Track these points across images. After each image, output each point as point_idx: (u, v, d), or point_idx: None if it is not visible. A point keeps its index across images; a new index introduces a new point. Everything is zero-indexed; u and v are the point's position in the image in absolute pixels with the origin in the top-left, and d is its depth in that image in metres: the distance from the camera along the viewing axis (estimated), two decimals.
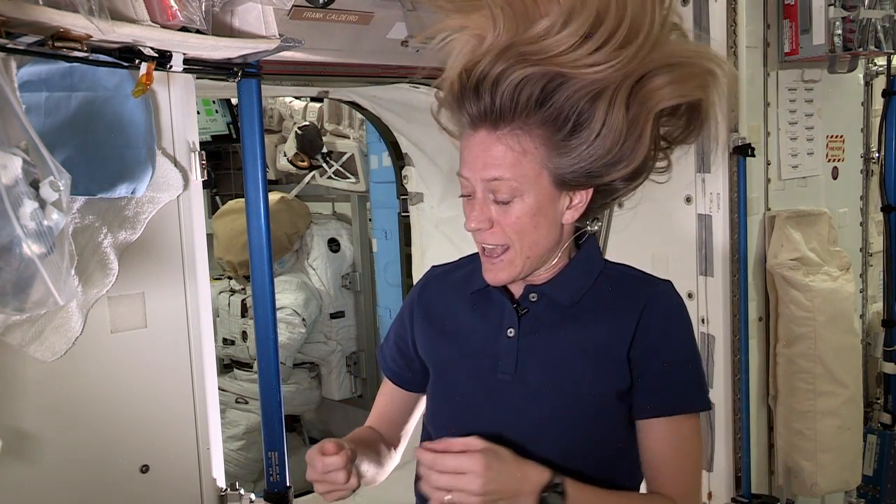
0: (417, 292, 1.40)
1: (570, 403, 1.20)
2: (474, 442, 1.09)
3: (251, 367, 4.08)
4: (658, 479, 1.23)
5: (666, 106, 1.15)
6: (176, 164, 1.82)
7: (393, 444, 1.43)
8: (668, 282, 1.26)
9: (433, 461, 1.09)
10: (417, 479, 1.34)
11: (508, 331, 1.24)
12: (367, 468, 1.31)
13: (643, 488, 1.29)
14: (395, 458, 1.43)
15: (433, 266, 1.44)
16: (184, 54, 1.66)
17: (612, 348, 1.20)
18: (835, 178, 2.76)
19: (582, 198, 1.19)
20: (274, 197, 4.09)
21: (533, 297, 1.25)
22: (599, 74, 1.09)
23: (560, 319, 1.23)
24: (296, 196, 4.37)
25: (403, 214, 3.70)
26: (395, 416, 1.44)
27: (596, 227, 1.27)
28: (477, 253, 1.32)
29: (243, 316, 4.13)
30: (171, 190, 1.81)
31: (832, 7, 2.34)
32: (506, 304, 1.25)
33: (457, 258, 1.46)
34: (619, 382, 1.20)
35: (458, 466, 1.07)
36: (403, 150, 3.51)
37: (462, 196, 1.20)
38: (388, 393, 1.45)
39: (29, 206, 1.31)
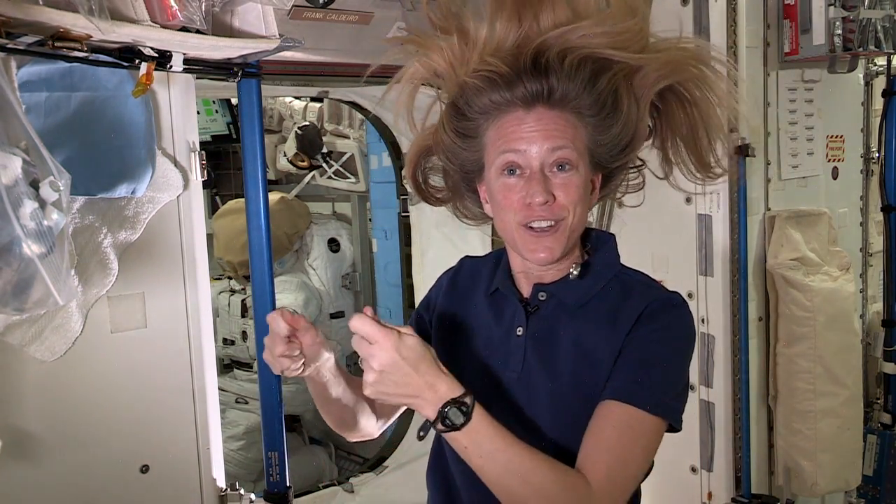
0: (451, 276, 1.43)
1: (567, 402, 1.21)
2: (405, 336, 1.05)
3: (251, 367, 4.08)
4: (586, 457, 1.14)
5: (656, 89, 1.22)
6: (176, 164, 1.82)
7: (380, 414, 1.41)
8: (677, 294, 1.26)
9: (359, 322, 1.05)
10: (429, 468, 1.34)
11: (517, 329, 1.26)
12: (341, 391, 1.31)
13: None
14: (371, 420, 1.40)
15: (466, 255, 1.47)
16: (184, 54, 1.67)
17: (609, 353, 1.20)
18: (835, 178, 2.76)
19: (596, 186, 1.27)
20: (274, 197, 4.09)
21: (542, 296, 1.27)
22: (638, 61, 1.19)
23: (566, 320, 1.25)
24: (296, 196, 4.37)
25: (403, 214, 3.70)
26: None
27: (577, 270, 1.27)
28: (503, 249, 1.34)
29: (243, 316, 4.13)
30: (171, 190, 1.81)
31: (832, 7, 2.34)
32: (517, 303, 1.28)
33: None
34: None
35: (370, 337, 1.03)
36: (403, 150, 3.51)
37: (506, 173, 1.20)
38: None
39: (29, 206, 1.31)
